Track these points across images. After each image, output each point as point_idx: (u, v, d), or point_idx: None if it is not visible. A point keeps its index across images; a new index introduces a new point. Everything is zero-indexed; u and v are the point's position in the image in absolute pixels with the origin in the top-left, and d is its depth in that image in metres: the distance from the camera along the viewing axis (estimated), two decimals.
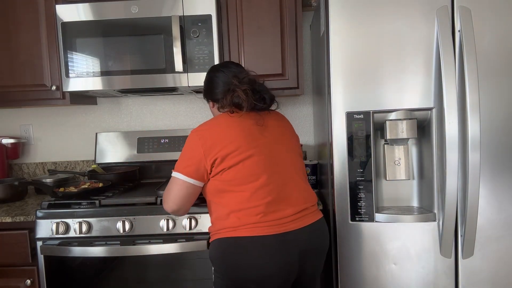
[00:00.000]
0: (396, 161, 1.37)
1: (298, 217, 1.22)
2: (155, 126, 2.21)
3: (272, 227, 1.17)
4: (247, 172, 1.20)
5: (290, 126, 1.39)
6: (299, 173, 1.29)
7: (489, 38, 1.26)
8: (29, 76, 1.83)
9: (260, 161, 1.21)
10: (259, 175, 1.20)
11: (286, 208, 1.21)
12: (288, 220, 1.20)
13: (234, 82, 1.27)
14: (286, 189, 1.23)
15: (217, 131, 1.24)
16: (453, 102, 1.22)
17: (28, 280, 1.57)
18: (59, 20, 1.71)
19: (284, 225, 1.19)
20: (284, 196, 1.22)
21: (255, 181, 1.19)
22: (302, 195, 1.26)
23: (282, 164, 1.25)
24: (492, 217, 1.30)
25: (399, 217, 1.32)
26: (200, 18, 1.68)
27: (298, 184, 1.27)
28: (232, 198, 1.21)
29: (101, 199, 1.58)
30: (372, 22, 1.29)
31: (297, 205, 1.23)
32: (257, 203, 1.18)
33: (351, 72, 1.31)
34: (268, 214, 1.18)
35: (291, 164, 1.28)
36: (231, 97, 1.25)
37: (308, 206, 1.26)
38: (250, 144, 1.22)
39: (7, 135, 2.21)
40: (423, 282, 1.33)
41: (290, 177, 1.25)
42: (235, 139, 1.21)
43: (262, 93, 1.28)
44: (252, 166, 1.20)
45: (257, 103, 1.25)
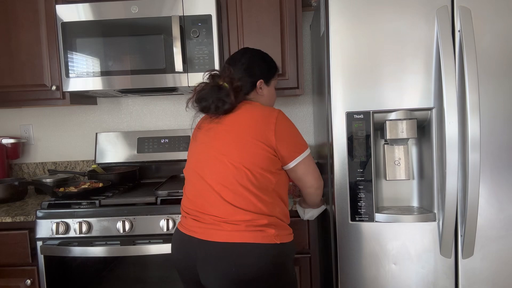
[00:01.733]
0: (396, 161, 1.37)
1: (208, 228, 1.15)
2: (155, 126, 2.21)
3: (185, 225, 1.23)
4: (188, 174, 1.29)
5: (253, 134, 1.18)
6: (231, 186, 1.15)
7: (489, 38, 1.26)
8: (29, 76, 1.83)
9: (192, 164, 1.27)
10: (191, 178, 1.26)
11: (196, 215, 1.20)
12: (194, 225, 1.19)
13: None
14: (202, 198, 1.20)
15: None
16: (453, 102, 1.22)
17: (28, 280, 1.57)
18: (59, 20, 1.71)
19: (191, 228, 1.20)
20: (199, 203, 1.20)
21: (188, 184, 1.27)
22: (222, 209, 1.15)
23: (208, 171, 1.19)
24: (492, 217, 1.30)
25: (399, 217, 1.32)
26: (200, 18, 1.68)
27: (223, 196, 1.15)
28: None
29: (101, 199, 1.59)
30: (372, 22, 1.29)
31: (209, 217, 1.16)
32: (184, 202, 1.28)
33: (351, 72, 1.31)
34: (186, 214, 1.24)
35: (220, 173, 1.17)
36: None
37: (232, 223, 1.13)
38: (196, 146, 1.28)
39: (7, 135, 2.21)
40: (423, 282, 1.33)
41: (213, 188, 1.17)
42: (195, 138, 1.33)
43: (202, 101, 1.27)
44: (190, 168, 1.28)
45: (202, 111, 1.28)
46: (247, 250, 1.10)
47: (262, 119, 1.19)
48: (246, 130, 1.18)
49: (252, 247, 1.11)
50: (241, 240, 1.11)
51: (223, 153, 1.18)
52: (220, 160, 1.17)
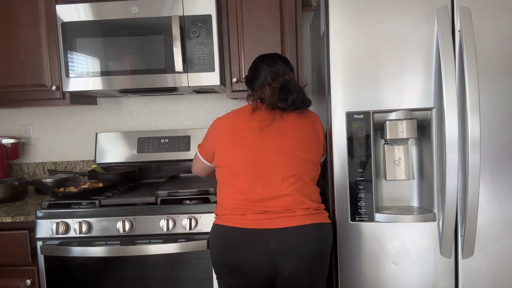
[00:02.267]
0: (396, 161, 1.37)
1: (275, 217, 1.24)
2: (155, 126, 2.21)
3: (244, 221, 1.25)
4: (231, 170, 1.30)
5: (303, 131, 1.34)
6: (290, 178, 1.28)
7: (489, 38, 1.26)
8: (29, 76, 1.83)
9: (241, 161, 1.29)
10: (240, 173, 1.28)
11: (262, 207, 1.26)
12: (261, 218, 1.24)
13: (267, 79, 1.34)
14: (266, 189, 1.27)
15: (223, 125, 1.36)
16: (453, 102, 1.22)
17: (28, 280, 1.57)
18: (59, 20, 1.71)
19: (257, 222, 1.24)
20: (262, 195, 1.26)
21: (237, 178, 1.29)
22: (289, 199, 1.27)
23: (266, 164, 1.28)
24: (492, 217, 1.30)
25: (399, 217, 1.32)
26: (200, 18, 1.68)
27: (286, 187, 1.27)
28: (222, 189, 1.34)
29: (101, 199, 1.59)
30: (372, 22, 1.29)
31: (278, 206, 1.26)
32: (237, 197, 1.28)
33: (351, 72, 1.31)
34: (243, 209, 1.27)
35: (279, 165, 1.28)
36: (260, 93, 1.34)
37: (296, 209, 1.26)
38: (237, 144, 1.30)
39: (7, 135, 2.21)
40: (423, 282, 1.33)
41: (272, 179, 1.27)
42: (224, 138, 1.33)
43: (289, 94, 1.31)
44: (235, 164, 1.29)
45: (278, 103, 1.30)
46: (320, 229, 1.27)
47: (314, 115, 1.41)
48: (307, 126, 1.35)
49: (320, 226, 1.28)
50: (312, 221, 1.26)
51: (294, 147, 1.30)
52: (291, 154, 1.29)
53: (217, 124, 1.37)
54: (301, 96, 1.33)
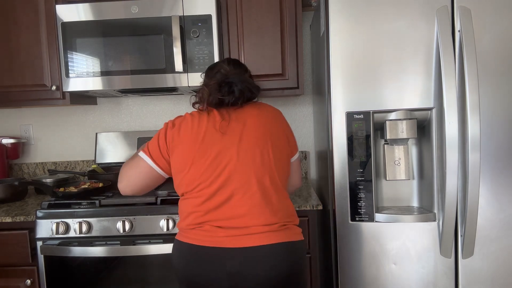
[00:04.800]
0: (396, 161, 1.37)
1: (238, 235, 1.09)
2: (155, 126, 2.21)
3: (203, 237, 1.10)
4: (189, 180, 1.14)
5: (270, 123, 1.18)
6: (254, 186, 1.11)
7: (489, 38, 1.26)
8: (29, 76, 1.83)
9: (200, 172, 1.12)
10: (199, 185, 1.13)
11: (223, 223, 1.10)
12: (221, 235, 1.09)
13: (204, 80, 1.27)
14: (230, 203, 1.11)
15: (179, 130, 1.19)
16: (453, 102, 1.22)
17: (28, 280, 1.57)
18: (59, 20, 1.71)
19: (216, 239, 1.09)
20: (225, 210, 1.11)
21: (200, 189, 1.13)
22: (254, 214, 1.10)
23: (230, 175, 1.11)
24: (492, 217, 1.30)
25: (399, 217, 1.32)
26: (200, 18, 1.68)
27: (253, 199, 1.11)
28: (181, 201, 1.19)
29: (101, 199, 1.59)
30: (372, 22, 1.29)
31: (241, 222, 1.10)
32: (194, 211, 1.13)
33: (351, 72, 1.31)
34: (202, 224, 1.12)
35: (245, 175, 1.11)
36: (200, 96, 1.19)
37: (263, 225, 1.10)
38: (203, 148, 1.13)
39: (7, 135, 2.21)
40: (423, 282, 1.33)
41: (239, 189, 1.11)
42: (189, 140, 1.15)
43: (232, 85, 1.16)
44: (193, 175, 1.13)
45: (223, 97, 1.15)
46: (285, 249, 1.10)
47: (276, 110, 1.24)
48: (272, 121, 1.19)
49: (288, 246, 1.11)
50: (277, 240, 1.09)
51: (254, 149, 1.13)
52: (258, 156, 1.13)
53: (176, 125, 1.19)
54: (246, 85, 1.17)
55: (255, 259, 1.07)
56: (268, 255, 1.08)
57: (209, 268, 1.09)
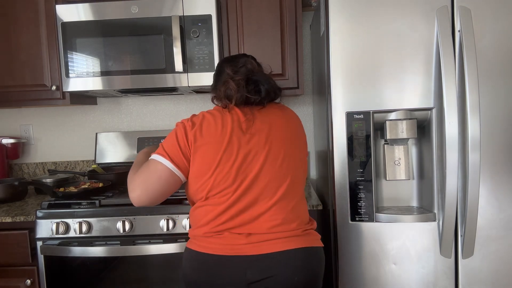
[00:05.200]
0: (396, 161, 1.37)
1: (258, 241, 1.04)
2: (155, 126, 2.21)
3: (219, 246, 1.05)
4: (214, 184, 1.07)
5: (294, 125, 1.17)
6: (279, 191, 1.08)
7: (489, 38, 1.26)
8: (29, 76, 1.83)
9: (230, 173, 1.06)
10: (226, 188, 1.06)
11: (243, 229, 1.06)
12: (241, 242, 1.04)
13: (228, 73, 1.14)
14: (251, 208, 1.06)
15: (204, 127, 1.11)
16: (453, 102, 1.22)
17: (28, 280, 1.57)
18: (59, 20, 1.71)
19: (235, 247, 1.04)
20: (245, 216, 1.06)
21: (221, 195, 1.07)
22: (273, 218, 1.06)
23: (256, 178, 1.07)
24: (492, 217, 1.30)
25: (399, 217, 1.32)
26: (200, 18, 1.68)
27: (272, 204, 1.07)
28: (199, 208, 1.11)
29: (101, 199, 1.59)
30: (372, 22, 1.29)
31: (262, 228, 1.06)
32: (213, 218, 1.07)
33: (351, 72, 1.31)
34: (221, 232, 1.06)
35: (272, 179, 1.07)
36: (224, 90, 1.11)
37: (283, 231, 1.06)
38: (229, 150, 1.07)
39: (7, 135, 2.21)
40: (423, 282, 1.33)
41: (262, 195, 1.06)
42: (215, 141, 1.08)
43: (259, 83, 1.11)
44: (219, 178, 1.06)
45: (249, 95, 1.09)
46: (310, 254, 1.08)
47: (295, 114, 1.21)
48: (295, 122, 1.18)
49: (314, 251, 1.09)
50: (302, 245, 1.06)
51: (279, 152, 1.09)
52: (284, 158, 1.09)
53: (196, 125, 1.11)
54: (273, 84, 1.14)
55: (277, 265, 1.03)
56: (290, 260, 1.04)
57: (228, 278, 1.04)
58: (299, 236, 1.07)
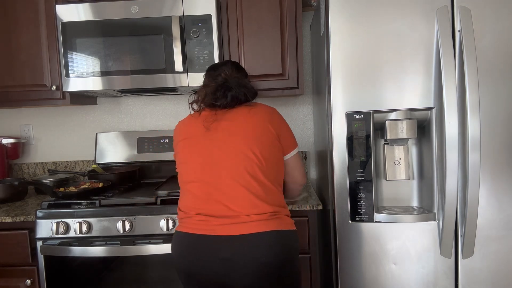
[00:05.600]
0: (396, 161, 1.37)
1: (229, 223, 1.16)
2: (155, 126, 2.21)
3: (198, 226, 1.19)
4: (184, 175, 1.26)
5: (260, 122, 1.26)
6: (242, 178, 1.20)
7: (489, 38, 1.26)
8: (29, 76, 1.83)
9: (193, 167, 1.24)
10: (192, 179, 1.23)
11: (215, 212, 1.19)
12: (214, 223, 1.17)
13: (204, 81, 1.39)
14: (222, 194, 1.19)
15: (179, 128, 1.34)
16: (453, 102, 1.22)
17: (28, 280, 1.57)
18: (59, 20, 1.71)
19: (210, 227, 1.17)
20: (216, 200, 1.19)
21: (191, 182, 1.24)
22: (243, 204, 1.17)
23: (217, 166, 1.21)
24: (492, 217, 1.30)
25: (399, 217, 1.32)
26: (200, 18, 1.68)
27: (242, 190, 1.18)
28: (181, 194, 1.29)
29: (101, 199, 1.59)
30: (372, 22, 1.29)
31: (232, 211, 1.17)
32: (192, 201, 1.22)
33: (351, 72, 1.31)
34: (198, 215, 1.20)
35: (231, 166, 1.20)
36: (196, 96, 1.33)
37: (251, 214, 1.17)
38: (190, 147, 1.26)
39: (7, 135, 2.21)
40: (423, 282, 1.33)
41: (232, 183, 1.19)
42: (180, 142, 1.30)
43: (227, 90, 1.27)
44: (186, 170, 1.26)
45: (214, 102, 1.27)
46: (275, 237, 1.16)
47: (266, 110, 1.30)
48: (259, 121, 1.26)
49: (278, 234, 1.17)
50: (268, 228, 1.15)
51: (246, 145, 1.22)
52: (244, 153, 1.21)
53: (176, 128, 1.36)
54: (242, 90, 1.29)
55: (246, 246, 1.13)
56: (258, 242, 1.14)
57: (204, 255, 1.15)
58: (268, 220, 1.17)
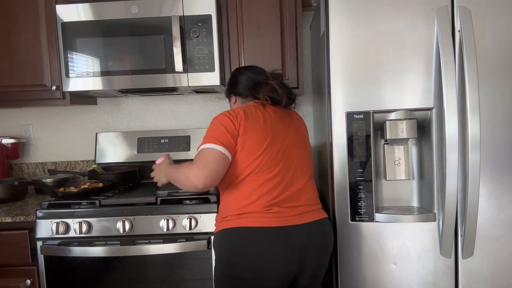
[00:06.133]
0: (396, 161, 1.37)
1: (300, 213, 1.26)
2: (155, 126, 2.21)
3: (273, 219, 1.22)
4: (264, 164, 1.25)
5: (305, 125, 1.48)
6: (307, 172, 1.34)
7: (489, 38, 1.26)
8: (29, 76, 1.83)
9: (277, 155, 1.28)
10: (273, 167, 1.26)
11: (290, 203, 1.26)
12: (290, 214, 1.24)
13: (267, 75, 1.38)
14: (293, 185, 1.28)
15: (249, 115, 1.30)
16: (453, 102, 1.22)
17: (28, 280, 1.57)
18: (59, 20, 1.71)
19: (286, 219, 1.23)
20: (290, 192, 1.26)
21: (269, 173, 1.25)
22: (307, 194, 1.30)
23: (294, 161, 1.30)
24: (492, 217, 1.30)
25: (399, 217, 1.32)
26: (200, 18, 1.68)
27: (305, 182, 1.31)
28: (244, 185, 1.26)
29: (101, 199, 1.59)
30: (372, 22, 1.29)
31: (301, 202, 1.28)
32: (264, 194, 1.24)
33: (351, 72, 1.31)
34: (272, 207, 1.23)
35: (301, 162, 1.33)
36: (265, 90, 1.34)
37: (312, 204, 1.31)
38: (274, 137, 1.29)
39: (7, 135, 2.21)
40: (423, 282, 1.33)
41: (298, 175, 1.30)
42: (261, 128, 1.29)
43: (290, 89, 1.39)
44: (270, 158, 1.26)
45: (289, 99, 1.36)
46: (328, 223, 1.33)
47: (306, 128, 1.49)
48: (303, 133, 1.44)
49: (328, 222, 1.34)
50: (323, 216, 1.32)
51: (301, 148, 1.36)
52: (303, 155, 1.36)
53: (239, 115, 1.28)
54: (292, 95, 1.41)
55: (317, 231, 1.27)
56: (322, 227, 1.29)
57: (282, 246, 1.19)
58: (319, 210, 1.33)
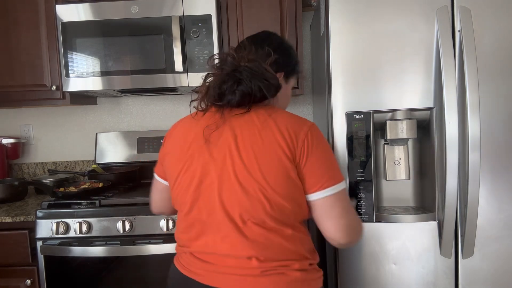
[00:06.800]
0: (396, 161, 1.37)
1: (213, 271, 0.88)
2: (155, 126, 2.21)
3: (184, 266, 0.94)
4: (175, 197, 0.95)
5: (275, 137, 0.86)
6: (234, 214, 0.86)
7: (489, 38, 1.26)
8: (29, 76, 1.83)
9: (187, 188, 0.90)
10: (184, 204, 0.91)
11: (200, 254, 0.91)
12: (195, 268, 0.91)
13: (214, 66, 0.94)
14: (209, 228, 0.89)
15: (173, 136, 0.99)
16: (453, 102, 1.22)
17: (28, 280, 1.57)
18: (59, 20, 1.71)
19: (192, 271, 0.91)
20: (202, 239, 0.91)
21: (182, 210, 0.93)
22: (226, 244, 0.87)
23: (208, 195, 0.88)
24: (492, 217, 1.30)
25: (399, 217, 1.32)
26: (200, 18, 1.68)
27: (227, 227, 0.86)
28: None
29: (101, 199, 1.59)
30: (372, 22, 1.29)
31: (213, 252, 0.88)
32: (181, 234, 0.97)
33: (351, 72, 1.31)
34: (184, 249, 0.95)
35: (225, 198, 0.86)
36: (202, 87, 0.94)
37: (237, 265, 0.86)
38: (182, 163, 0.91)
39: (7, 135, 2.21)
40: (423, 282, 1.33)
41: (217, 218, 0.87)
42: (175, 152, 0.95)
43: (237, 83, 0.87)
44: (177, 192, 0.93)
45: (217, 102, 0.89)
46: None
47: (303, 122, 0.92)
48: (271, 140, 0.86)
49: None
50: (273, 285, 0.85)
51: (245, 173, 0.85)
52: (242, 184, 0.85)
53: (170, 130, 1.02)
54: (258, 83, 0.87)
55: None
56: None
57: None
58: (258, 277, 0.84)
